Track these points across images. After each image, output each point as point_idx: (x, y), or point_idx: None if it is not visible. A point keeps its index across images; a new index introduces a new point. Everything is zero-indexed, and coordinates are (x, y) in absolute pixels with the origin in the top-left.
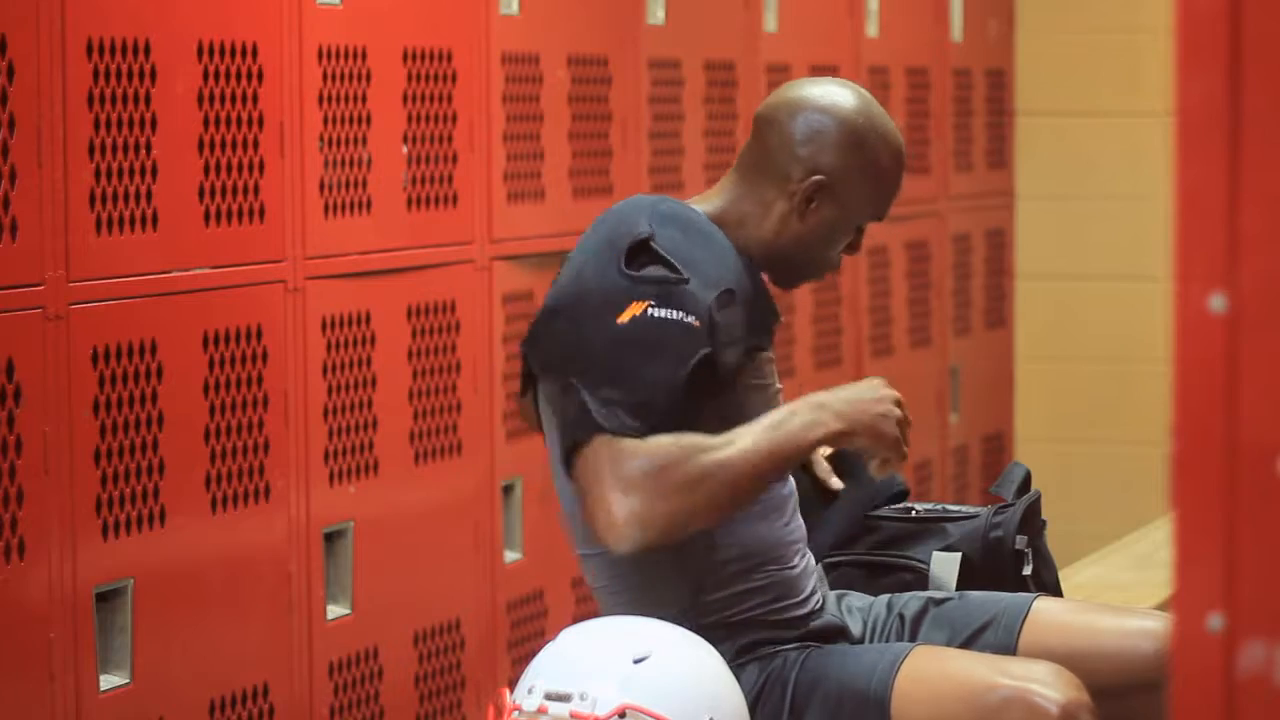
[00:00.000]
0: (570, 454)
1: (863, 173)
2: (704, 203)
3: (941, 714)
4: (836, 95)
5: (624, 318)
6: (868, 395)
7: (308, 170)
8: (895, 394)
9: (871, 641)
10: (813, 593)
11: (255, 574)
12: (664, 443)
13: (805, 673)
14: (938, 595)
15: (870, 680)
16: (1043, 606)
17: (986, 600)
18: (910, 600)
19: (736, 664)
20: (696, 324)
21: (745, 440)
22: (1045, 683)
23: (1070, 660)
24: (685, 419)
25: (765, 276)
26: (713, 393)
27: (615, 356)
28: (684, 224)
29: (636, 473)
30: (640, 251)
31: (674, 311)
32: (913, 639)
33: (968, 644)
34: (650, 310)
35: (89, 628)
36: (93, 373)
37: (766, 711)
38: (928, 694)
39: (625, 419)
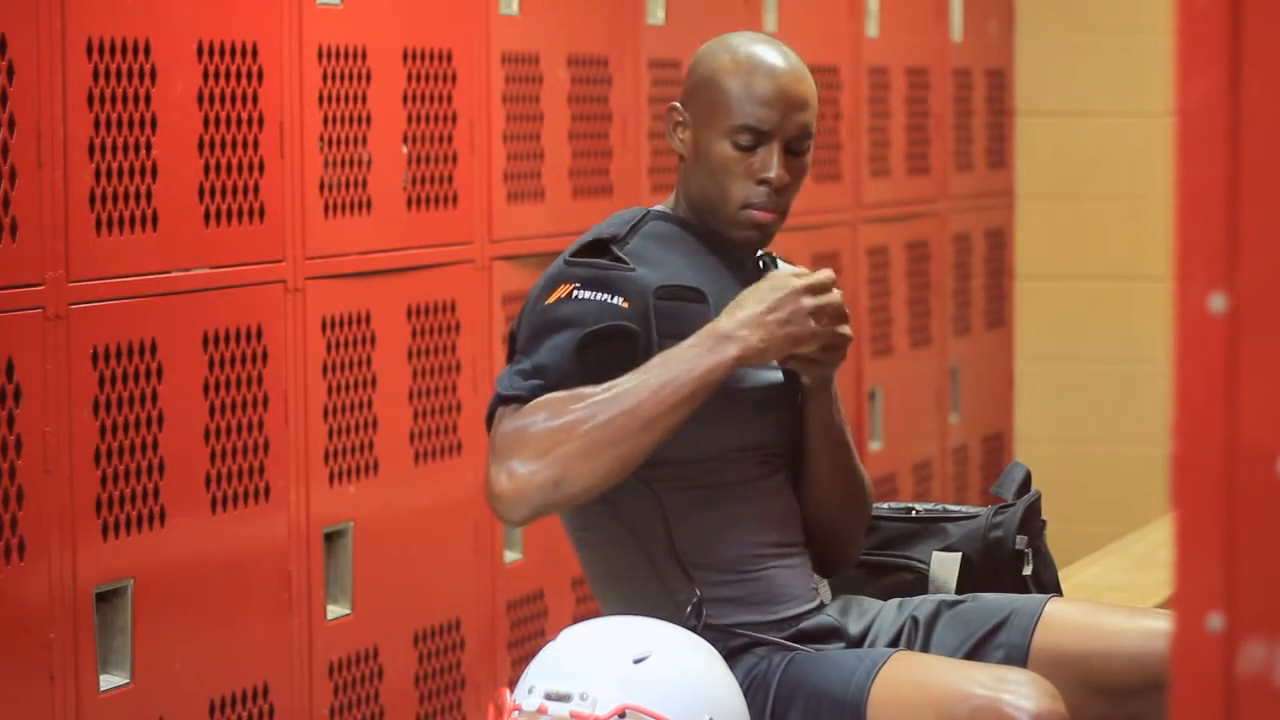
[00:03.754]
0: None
1: (701, 82)
2: (666, 203)
3: None
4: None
5: (550, 299)
6: (769, 301)
7: (308, 170)
8: (799, 284)
9: (876, 644)
10: (802, 594)
11: (255, 574)
12: (539, 401)
13: (787, 677)
14: (950, 597)
15: (848, 687)
16: (1057, 607)
17: (1000, 601)
18: (923, 603)
19: None
20: (624, 304)
21: (628, 381)
22: (1018, 693)
23: (1085, 659)
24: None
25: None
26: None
27: (532, 336)
28: (669, 239)
29: (516, 438)
30: (594, 249)
31: (598, 294)
32: (926, 641)
33: (981, 644)
34: (575, 292)
35: (89, 628)
36: (93, 373)
37: (749, 714)
38: (902, 702)
39: (517, 381)
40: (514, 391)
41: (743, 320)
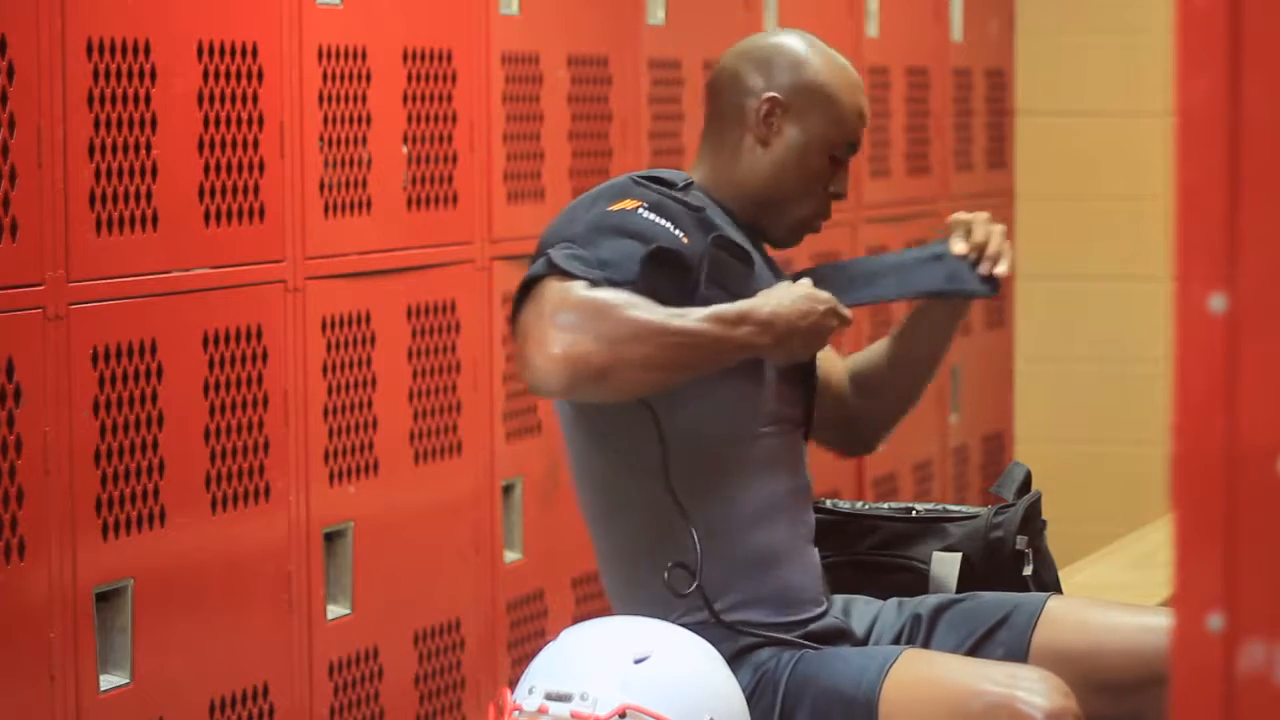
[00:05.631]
0: (521, 299)
1: (813, 87)
2: (693, 173)
3: None
4: (777, 32)
5: (615, 206)
6: (813, 312)
7: (308, 170)
8: (831, 305)
9: (879, 643)
10: (815, 594)
11: (255, 574)
12: (612, 292)
13: (796, 675)
14: (950, 596)
15: (859, 685)
16: (1056, 605)
17: (1000, 599)
18: (922, 602)
19: (731, 664)
20: (684, 239)
21: (696, 320)
22: (1031, 689)
23: (1085, 656)
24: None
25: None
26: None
27: (592, 231)
28: (707, 210)
29: (582, 315)
30: (663, 181)
31: (664, 220)
32: (927, 639)
33: (981, 642)
34: (642, 210)
35: (89, 628)
36: (93, 373)
37: (757, 713)
38: (914, 699)
39: (577, 265)
40: (576, 270)
41: (788, 315)
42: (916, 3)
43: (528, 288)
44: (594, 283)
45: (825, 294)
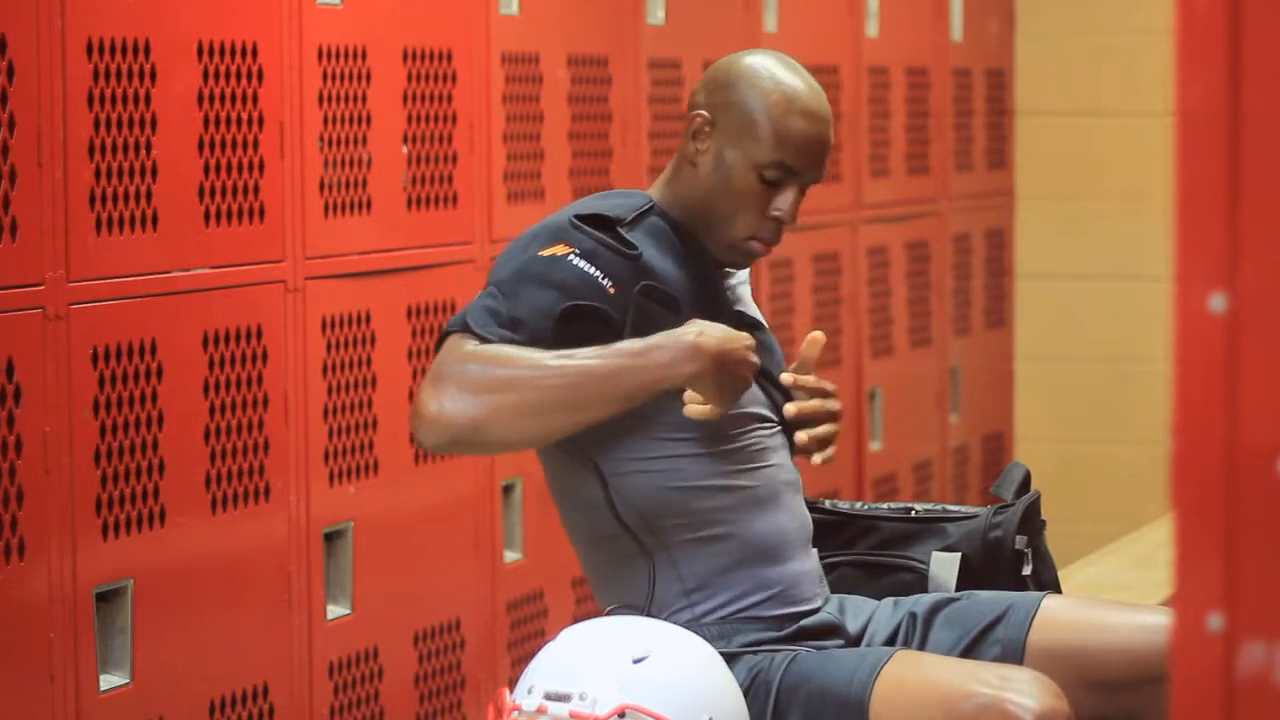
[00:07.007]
0: (439, 345)
1: (737, 105)
2: (654, 190)
3: None
4: (751, 52)
5: (546, 252)
6: (738, 346)
7: (308, 170)
8: (746, 339)
9: (874, 642)
10: (810, 591)
11: (255, 574)
12: (498, 347)
13: (790, 675)
14: (946, 595)
15: (850, 685)
16: (1052, 603)
17: (996, 598)
18: (919, 600)
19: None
20: (611, 289)
21: (585, 357)
22: (1022, 690)
23: (1081, 654)
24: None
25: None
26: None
27: (518, 279)
28: (661, 240)
29: (460, 371)
30: (601, 222)
31: (592, 269)
32: (923, 638)
33: (977, 641)
34: (571, 257)
35: (89, 628)
36: (93, 373)
37: (751, 712)
38: (906, 700)
39: (490, 324)
40: (483, 332)
41: (715, 344)
42: (916, 3)
43: (444, 332)
44: (488, 341)
45: (744, 334)
